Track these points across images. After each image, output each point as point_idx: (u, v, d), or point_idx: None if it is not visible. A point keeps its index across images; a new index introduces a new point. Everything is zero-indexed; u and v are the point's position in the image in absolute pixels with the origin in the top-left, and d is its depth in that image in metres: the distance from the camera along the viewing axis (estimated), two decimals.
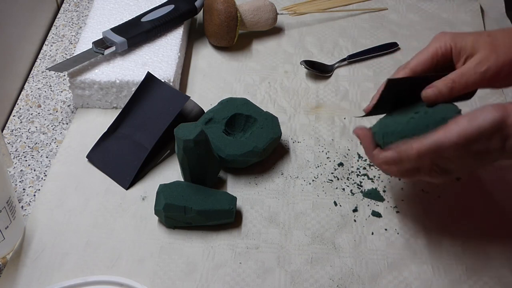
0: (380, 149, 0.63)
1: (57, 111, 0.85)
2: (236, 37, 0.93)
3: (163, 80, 0.81)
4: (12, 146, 0.80)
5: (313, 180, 0.76)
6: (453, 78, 0.62)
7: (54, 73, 0.91)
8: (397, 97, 0.64)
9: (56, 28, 0.99)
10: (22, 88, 0.89)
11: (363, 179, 0.77)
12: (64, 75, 0.90)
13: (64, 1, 1.05)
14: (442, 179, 0.61)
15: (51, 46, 0.96)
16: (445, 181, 0.62)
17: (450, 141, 0.57)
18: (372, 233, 0.71)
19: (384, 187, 0.76)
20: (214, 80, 0.90)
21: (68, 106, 0.86)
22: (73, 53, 0.88)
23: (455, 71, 0.63)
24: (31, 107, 0.86)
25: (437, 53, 0.64)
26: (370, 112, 0.66)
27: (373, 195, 0.74)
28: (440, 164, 0.59)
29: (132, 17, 0.89)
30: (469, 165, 0.59)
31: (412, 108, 0.64)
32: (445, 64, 0.64)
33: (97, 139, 0.79)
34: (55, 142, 0.81)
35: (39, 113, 0.85)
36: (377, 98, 0.64)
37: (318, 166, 0.78)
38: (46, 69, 0.86)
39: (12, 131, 0.82)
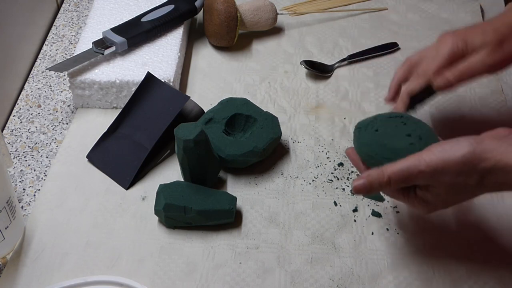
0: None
1: (57, 111, 0.85)
2: (236, 37, 0.93)
3: (163, 80, 0.81)
4: (12, 146, 0.80)
5: (313, 180, 0.76)
6: (461, 69, 0.67)
7: (54, 73, 0.91)
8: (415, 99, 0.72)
9: (56, 28, 0.99)
10: (22, 88, 0.89)
11: None
12: (64, 75, 0.90)
13: (64, 1, 1.05)
14: (425, 210, 0.61)
15: (51, 46, 0.96)
16: (430, 211, 0.61)
17: (418, 170, 0.56)
18: (372, 233, 0.71)
19: None
20: (214, 80, 0.90)
21: (68, 106, 0.86)
22: (73, 53, 0.88)
23: (464, 63, 0.67)
24: (31, 107, 0.86)
25: (451, 59, 0.68)
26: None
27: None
28: (418, 194, 0.60)
29: (132, 17, 0.89)
30: (443, 197, 0.58)
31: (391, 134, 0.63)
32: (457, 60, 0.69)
33: (97, 139, 0.79)
34: (55, 142, 0.81)
35: (39, 113, 0.85)
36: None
37: (318, 166, 0.78)
38: (46, 69, 0.86)
39: (12, 131, 0.82)
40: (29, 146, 0.80)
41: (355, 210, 0.73)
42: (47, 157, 0.79)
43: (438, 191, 0.58)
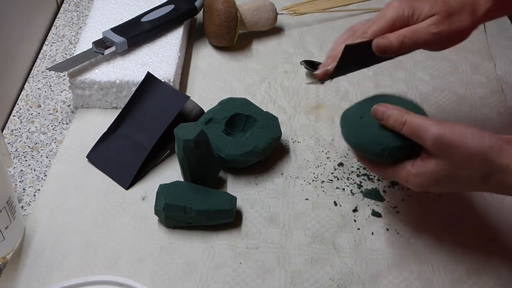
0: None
1: (57, 111, 0.85)
2: (236, 37, 0.93)
3: (163, 80, 0.81)
4: (12, 146, 0.80)
5: (313, 180, 0.76)
6: (405, 33, 0.64)
7: (54, 73, 0.91)
8: (353, 60, 0.66)
9: (56, 28, 0.99)
10: (22, 88, 0.89)
11: (363, 179, 0.77)
12: (64, 75, 0.90)
13: (64, 1, 1.05)
14: (417, 185, 0.61)
15: (51, 46, 0.96)
16: (421, 188, 0.62)
17: (432, 133, 0.58)
18: (372, 233, 0.71)
19: (384, 187, 0.76)
20: (214, 80, 0.90)
21: (68, 106, 0.86)
22: (73, 53, 0.88)
23: (408, 28, 0.64)
24: (31, 107, 0.86)
25: (394, 23, 0.65)
26: (327, 77, 0.67)
27: (373, 195, 0.74)
28: (417, 164, 0.60)
29: (132, 17, 0.89)
30: (441, 176, 0.59)
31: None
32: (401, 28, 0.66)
33: (97, 139, 0.79)
34: (55, 142, 0.81)
35: (39, 113, 0.85)
36: (336, 64, 0.65)
37: (318, 166, 0.78)
38: (46, 69, 0.86)
39: (12, 131, 0.82)
40: (29, 146, 0.80)
41: (355, 210, 0.73)
42: (47, 157, 0.79)
43: (439, 167, 0.58)
